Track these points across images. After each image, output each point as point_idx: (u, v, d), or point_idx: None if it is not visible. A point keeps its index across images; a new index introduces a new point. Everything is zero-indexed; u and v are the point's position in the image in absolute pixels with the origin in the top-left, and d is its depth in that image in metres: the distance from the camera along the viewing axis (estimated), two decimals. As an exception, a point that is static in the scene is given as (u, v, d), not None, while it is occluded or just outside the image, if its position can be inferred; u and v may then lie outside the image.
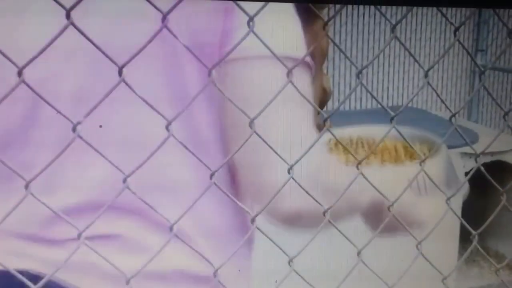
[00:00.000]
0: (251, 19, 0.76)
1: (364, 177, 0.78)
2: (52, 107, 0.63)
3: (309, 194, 0.74)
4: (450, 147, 2.49)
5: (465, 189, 0.92)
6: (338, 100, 3.64)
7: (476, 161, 1.18)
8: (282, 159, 0.70)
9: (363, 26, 3.69)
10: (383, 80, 3.40)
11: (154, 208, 0.72)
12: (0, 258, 0.65)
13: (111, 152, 0.66)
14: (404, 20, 3.66)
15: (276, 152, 0.68)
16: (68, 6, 0.61)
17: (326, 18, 0.81)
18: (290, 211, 0.80)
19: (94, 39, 0.61)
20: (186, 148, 0.70)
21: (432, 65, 1.09)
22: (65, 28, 0.61)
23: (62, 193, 0.73)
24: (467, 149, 2.52)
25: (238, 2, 0.73)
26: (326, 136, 0.80)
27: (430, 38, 3.80)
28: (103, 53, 0.67)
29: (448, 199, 1.15)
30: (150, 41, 0.70)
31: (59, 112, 0.63)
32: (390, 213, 0.82)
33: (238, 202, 0.74)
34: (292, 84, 0.70)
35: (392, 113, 1.03)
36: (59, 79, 0.76)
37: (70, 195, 0.75)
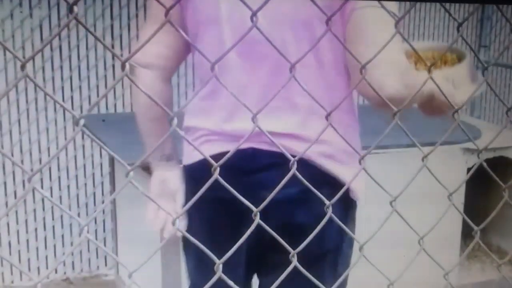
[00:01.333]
0: (254, 14, 0.77)
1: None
2: (56, 101, 0.63)
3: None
4: (452, 143, 2.50)
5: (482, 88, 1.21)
6: (341, 95, 3.64)
7: (478, 157, 1.18)
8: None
9: (366, 21, 3.68)
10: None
11: (156, 202, 0.73)
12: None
13: None
14: (407, 16, 3.65)
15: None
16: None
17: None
18: (391, 95, 1.11)
19: None
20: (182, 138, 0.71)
21: (434, 61, 1.09)
22: (69, 22, 0.62)
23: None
24: (469, 145, 2.52)
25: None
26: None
27: (433, 34, 3.79)
28: (107, 48, 0.67)
29: (451, 194, 1.15)
30: (153, 35, 0.70)
31: (62, 105, 0.63)
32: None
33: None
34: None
35: (395, 109, 1.03)
36: None
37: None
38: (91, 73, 3.08)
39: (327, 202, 0.90)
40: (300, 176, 0.85)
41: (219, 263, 0.78)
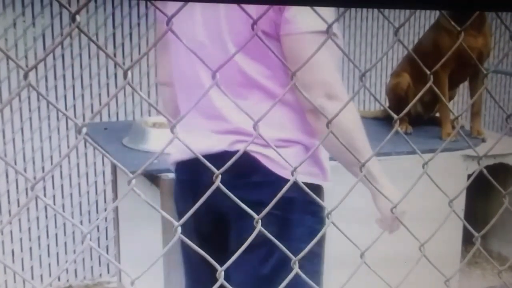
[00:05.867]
0: (255, 22, 0.78)
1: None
2: (58, 109, 0.64)
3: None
4: (453, 149, 2.51)
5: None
6: (342, 102, 3.64)
7: (479, 164, 1.18)
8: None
9: (366, 29, 3.69)
10: (386, 83, 3.40)
11: (158, 209, 0.74)
12: None
13: None
14: (407, 23, 3.66)
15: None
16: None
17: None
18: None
19: None
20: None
21: (435, 68, 1.10)
22: (71, 31, 0.63)
23: None
24: (470, 152, 2.53)
25: (243, 4, 0.75)
26: None
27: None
28: (110, 56, 0.68)
29: (451, 201, 1.16)
30: (154, 45, 0.71)
31: (64, 114, 0.64)
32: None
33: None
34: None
35: (395, 116, 1.04)
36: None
37: None
38: (94, 82, 3.09)
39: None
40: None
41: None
